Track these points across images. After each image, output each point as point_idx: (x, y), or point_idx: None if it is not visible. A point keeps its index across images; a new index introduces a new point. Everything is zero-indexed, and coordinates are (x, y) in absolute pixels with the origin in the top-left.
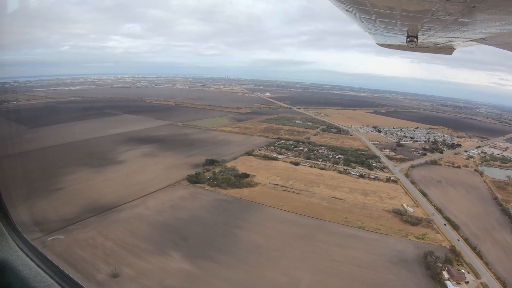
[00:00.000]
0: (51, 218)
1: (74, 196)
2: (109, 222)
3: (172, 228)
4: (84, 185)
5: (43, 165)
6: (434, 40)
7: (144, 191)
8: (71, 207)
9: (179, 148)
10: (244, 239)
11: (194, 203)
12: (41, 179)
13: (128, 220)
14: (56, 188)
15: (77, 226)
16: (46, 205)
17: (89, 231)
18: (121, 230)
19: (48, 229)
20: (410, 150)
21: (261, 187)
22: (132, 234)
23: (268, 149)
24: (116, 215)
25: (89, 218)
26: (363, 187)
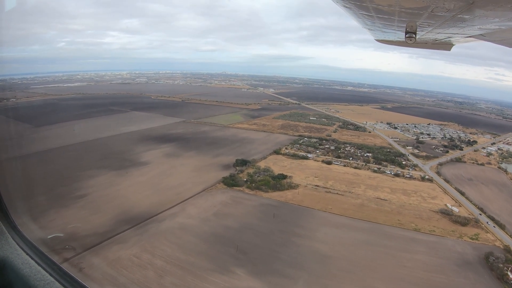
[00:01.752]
0: (81, 232)
1: (102, 204)
2: (151, 235)
3: (225, 240)
4: (110, 191)
5: (59, 167)
6: (433, 36)
7: (180, 197)
8: (101, 218)
9: (202, 147)
10: (307, 249)
11: (239, 209)
12: (60, 184)
13: (171, 231)
14: (79, 194)
15: (114, 241)
16: (72, 216)
17: (131, 247)
18: (167, 244)
19: (82, 245)
20: (431, 147)
21: (303, 189)
22: (182, 248)
23: (294, 148)
24: (156, 226)
25: (126, 230)
26: (402, 186)
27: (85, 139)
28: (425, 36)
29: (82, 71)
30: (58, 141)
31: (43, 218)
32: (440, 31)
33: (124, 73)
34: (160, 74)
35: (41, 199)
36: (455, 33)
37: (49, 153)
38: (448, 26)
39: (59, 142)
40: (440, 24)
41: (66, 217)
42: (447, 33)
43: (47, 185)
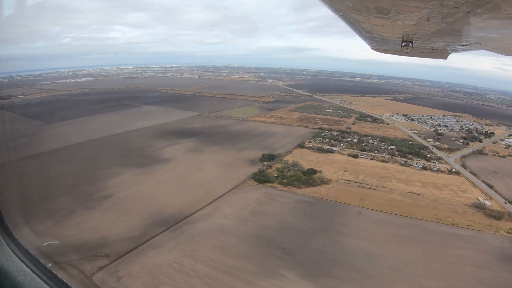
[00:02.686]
0: (112, 237)
1: (129, 205)
2: (188, 237)
3: (267, 241)
4: (136, 191)
5: (78, 166)
6: (429, 45)
7: (211, 195)
8: (131, 220)
9: (224, 142)
10: (353, 247)
11: (275, 207)
12: (82, 184)
13: (210, 233)
14: (104, 195)
15: (150, 246)
16: (100, 219)
17: (169, 252)
18: (208, 247)
19: (115, 251)
20: (451, 139)
21: (335, 184)
22: (224, 252)
23: (317, 141)
24: (192, 228)
25: (161, 234)
26: (432, 180)
27: (101, 136)
28: (422, 45)
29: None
30: (72, 138)
31: (69, 221)
32: (437, 40)
33: (130, 67)
34: (166, 67)
35: (64, 200)
36: (451, 42)
37: (65, 151)
38: (444, 35)
39: (74, 139)
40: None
41: (93, 219)
42: (443, 42)
43: (69, 185)
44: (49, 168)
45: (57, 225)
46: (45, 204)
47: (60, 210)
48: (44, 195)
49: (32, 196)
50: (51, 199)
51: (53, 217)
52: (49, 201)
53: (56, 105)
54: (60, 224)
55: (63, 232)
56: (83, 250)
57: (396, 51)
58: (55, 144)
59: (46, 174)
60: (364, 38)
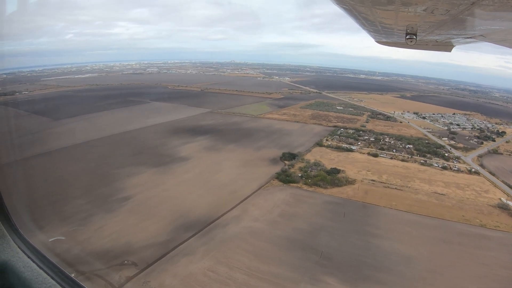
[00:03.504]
0: (138, 242)
1: (152, 207)
2: (219, 243)
3: (302, 244)
4: (157, 191)
5: (91, 165)
6: (433, 38)
7: (236, 196)
8: (156, 224)
9: (240, 139)
10: (388, 250)
11: (304, 208)
12: (98, 185)
13: (241, 237)
14: (123, 196)
15: (180, 253)
16: (122, 223)
17: (202, 259)
18: (241, 253)
19: (143, 259)
20: (465, 138)
21: (360, 184)
22: (259, 258)
23: (335, 139)
24: (222, 232)
25: (189, 239)
26: (453, 180)
27: (112, 133)
28: (426, 38)
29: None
30: (82, 135)
31: (89, 225)
32: (441, 32)
33: (133, 63)
34: (169, 63)
35: (80, 202)
36: (455, 34)
37: (75, 149)
38: (448, 27)
39: (83, 136)
40: (440, 25)
41: (114, 224)
42: (447, 34)
43: (83, 186)
44: (60, 167)
45: (76, 230)
46: (61, 207)
47: (78, 213)
48: (58, 196)
49: (46, 197)
50: (66, 201)
51: (70, 221)
52: (64, 203)
53: (62, 101)
54: (79, 229)
55: (84, 237)
56: (108, 258)
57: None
58: (64, 141)
59: (58, 174)
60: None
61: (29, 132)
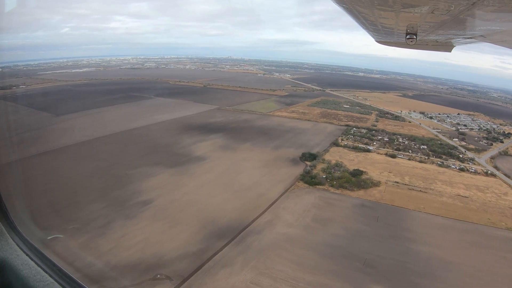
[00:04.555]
0: (168, 253)
1: (176, 212)
2: (257, 251)
3: (342, 251)
4: (179, 194)
5: (103, 165)
6: (434, 38)
7: (264, 200)
8: (185, 232)
9: (255, 138)
10: (427, 255)
11: (335, 212)
12: (112, 187)
13: (279, 245)
14: (143, 200)
15: (217, 264)
16: (146, 230)
17: (242, 271)
18: (282, 262)
19: (177, 272)
20: (474, 139)
21: (385, 187)
22: (302, 267)
23: (349, 139)
24: (258, 240)
25: (224, 248)
26: (472, 182)
27: (119, 130)
28: (426, 38)
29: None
30: (87, 132)
31: (110, 233)
32: (441, 33)
33: (129, 58)
34: (166, 59)
35: (97, 207)
36: (456, 35)
37: (83, 147)
38: (449, 27)
39: (89, 133)
40: (441, 26)
41: (139, 232)
42: (448, 35)
43: (97, 188)
44: (69, 167)
45: (97, 239)
46: (76, 212)
47: (95, 220)
48: (71, 200)
49: (58, 201)
50: (81, 205)
51: (89, 228)
52: (79, 208)
53: (62, 96)
54: (100, 237)
55: (107, 247)
56: (138, 272)
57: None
58: (69, 139)
59: (67, 175)
60: (368, 31)
61: (31, 128)
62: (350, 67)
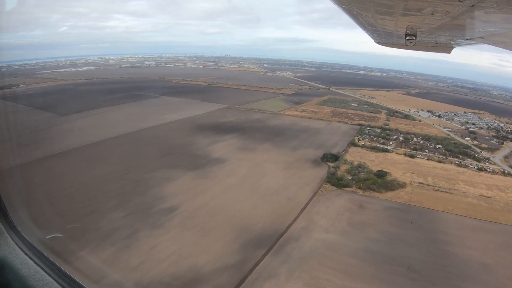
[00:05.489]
0: (205, 266)
1: (206, 220)
2: (299, 260)
3: (384, 257)
4: (204, 200)
5: (117, 168)
6: (433, 39)
7: (294, 204)
8: (219, 242)
9: (271, 138)
10: (465, 258)
11: (368, 215)
12: (132, 192)
13: (320, 252)
14: (167, 207)
15: (260, 276)
16: (177, 241)
17: (288, 283)
18: (327, 271)
19: (218, 286)
20: (485, 138)
21: (412, 188)
22: (347, 275)
23: (365, 139)
24: (298, 248)
25: (264, 257)
26: (492, 182)
27: (129, 130)
28: (425, 39)
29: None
30: (95, 132)
31: (138, 244)
32: (441, 34)
33: (128, 56)
34: (164, 57)
35: (118, 215)
36: (455, 36)
37: (92, 149)
38: (448, 29)
39: (97, 134)
40: (440, 27)
41: (169, 242)
42: (447, 36)
43: (116, 194)
44: (82, 171)
45: (124, 252)
46: (96, 221)
47: (119, 230)
48: (89, 208)
49: (74, 209)
50: (100, 213)
51: (113, 239)
52: (100, 217)
53: (64, 96)
54: (127, 250)
55: (138, 260)
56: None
57: (399, 45)
58: (77, 140)
59: (81, 180)
60: (367, 32)
61: (35, 129)
62: (349, 65)
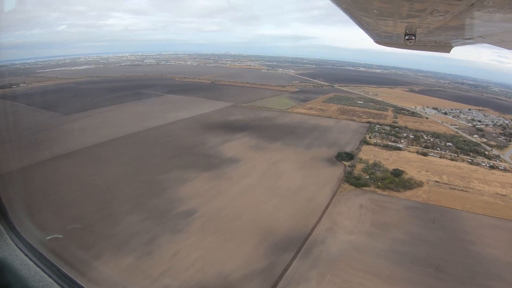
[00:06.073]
0: (233, 272)
1: (227, 223)
2: (328, 263)
3: (411, 258)
4: (222, 202)
5: (129, 169)
6: (432, 38)
7: (315, 205)
8: (245, 246)
9: (282, 137)
10: (490, 257)
11: (390, 215)
12: (146, 194)
13: (348, 255)
14: (185, 210)
15: (291, 283)
16: (200, 246)
17: (320, 287)
18: (357, 274)
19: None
20: (492, 135)
21: (429, 187)
22: (378, 277)
23: (376, 136)
24: (325, 250)
25: (293, 261)
26: (505, 180)
27: (136, 130)
28: (425, 38)
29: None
30: (101, 132)
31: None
32: (440, 34)
33: (127, 55)
34: (164, 55)
35: (135, 219)
36: (454, 36)
37: (100, 149)
38: (447, 28)
39: (104, 133)
40: (439, 27)
41: (192, 248)
42: (446, 36)
43: (130, 196)
44: (91, 173)
45: (145, 259)
46: (112, 226)
47: (138, 235)
48: (103, 211)
49: (88, 213)
50: (115, 217)
51: (132, 246)
52: (115, 222)
53: (66, 94)
54: (149, 257)
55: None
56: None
57: (399, 45)
58: (84, 140)
59: (91, 181)
60: (367, 32)
61: (39, 129)
62: (349, 62)
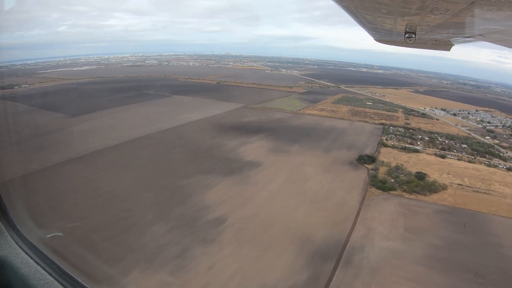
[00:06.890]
0: (277, 286)
1: (260, 232)
2: (370, 272)
3: (450, 263)
4: (252, 209)
5: (147, 174)
6: (432, 36)
7: (347, 210)
8: (284, 256)
9: (300, 139)
10: None
11: (422, 220)
12: (169, 201)
13: (388, 262)
14: (214, 218)
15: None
16: (236, 258)
17: None
18: (402, 282)
19: None
20: (503, 136)
21: (455, 190)
22: (422, 285)
23: (392, 138)
24: (365, 258)
25: (335, 271)
26: None
27: (148, 132)
28: (425, 36)
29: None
30: (112, 134)
31: (193, 265)
32: (440, 31)
33: (128, 55)
34: (165, 56)
35: (162, 229)
36: (454, 34)
37: (113, 153)
38: (447, 26)
39: (115, 135)
40: (439, 24)
41: (227, 260)
42: (446, 33)
43: (151, 204)
44: (107, 178)
45: (179, 273)
46: (137, 238)
47: (168, 247)
48: (126, 220)
49: (108, 223)
50: (140, 227)
51: (162, 259)
52: (140, 231)
53: (70, 95)
54: (182, 271)
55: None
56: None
57: (399, 43)
58: (95, 143)
59: (109, 188)
60: (367, 30)
61: (46, 131)
62: (350, 63)
